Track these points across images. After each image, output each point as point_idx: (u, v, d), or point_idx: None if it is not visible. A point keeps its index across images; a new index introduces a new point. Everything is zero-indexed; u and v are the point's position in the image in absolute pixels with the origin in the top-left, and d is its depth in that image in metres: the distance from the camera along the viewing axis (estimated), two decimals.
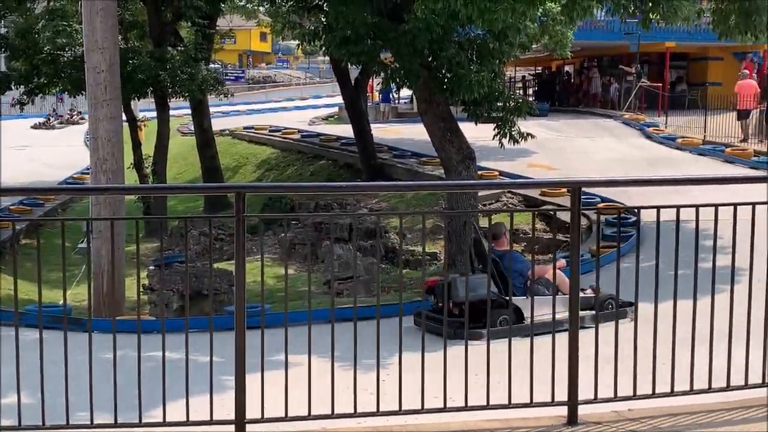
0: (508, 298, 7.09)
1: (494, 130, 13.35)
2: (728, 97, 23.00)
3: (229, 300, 11.30)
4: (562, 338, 4.32)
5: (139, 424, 4.16)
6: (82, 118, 39.18)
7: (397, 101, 35.97)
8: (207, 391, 4.18)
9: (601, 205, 13.73)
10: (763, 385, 4.58)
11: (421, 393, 4.30)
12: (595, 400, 4.44)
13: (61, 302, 9.88)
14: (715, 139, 22.04)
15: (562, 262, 7.95)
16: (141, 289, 10.87)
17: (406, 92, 22.98)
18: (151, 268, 13.23)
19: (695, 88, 29.03)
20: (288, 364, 4.24)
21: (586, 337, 4.40)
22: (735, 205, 4.43)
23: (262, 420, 4.20)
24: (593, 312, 4.78)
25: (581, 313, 4.41)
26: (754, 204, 4.49)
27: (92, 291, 10.54)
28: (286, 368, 4.22)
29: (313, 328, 4.18)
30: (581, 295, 4.44)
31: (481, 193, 15.84)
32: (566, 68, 36.22)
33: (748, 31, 12.64)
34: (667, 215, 4.46)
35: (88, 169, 14.41)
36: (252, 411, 4.16)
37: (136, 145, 21.74)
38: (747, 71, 24.27)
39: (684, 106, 27.12)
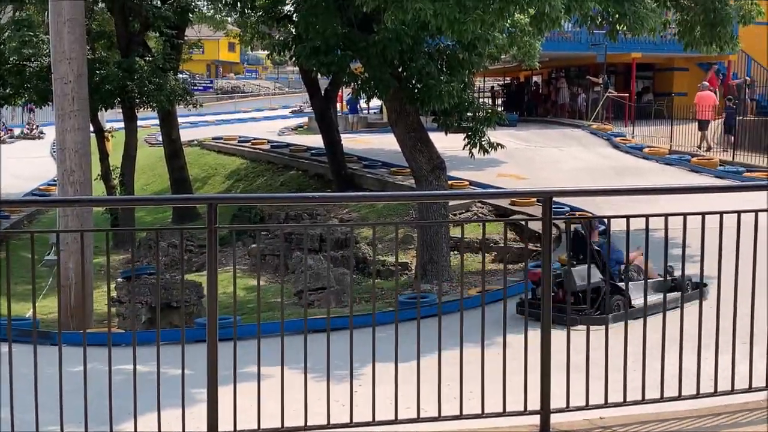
0: (614, 284, 8.48)
1: (464, 140, 13.43)
2: (692, 107, 23.37)
3: (199, 312, 11.19)
4: (536, 345, 4.34)
5: None
6: (42, 132, 38.58)
7: (367, 111, 36.00)
8: (179, 404, 4.14)
9: (570, 214, 13.82)
10: (732, 392, 4.63)
11: (395, 403, 4.29)
12: (567, 408, 4.45)
13: (27, 315, 9.77)
14: (680, 149, 22.37)
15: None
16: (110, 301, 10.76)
17: (375, 102, 22.98)
18: (120, 280, 13.09)
19: (661, 98, 29.39)
20: (260, 376, 4.21)
21: (559, 344, 4.42)
22: (703, 214, 4.48)
23: None
24: (678, 293, 5.02)
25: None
26: (721, 213, 4.55)
27: (60, 304, 10.45)
28: (258, 380, 4.20)
29: (285, 340, 4.16)
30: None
31: (451, 203, 15.89)
32: (534, 79, 36.48)
33: (713, 42, 12.85)
34: (637, 224, 4.50)
35: (54, 180, 14.25)
36: (224, 424, 4.13)
37: (104, 156, 21.53)
38: (707, 83, 24.67)
39: (650, 116, 27.42)
